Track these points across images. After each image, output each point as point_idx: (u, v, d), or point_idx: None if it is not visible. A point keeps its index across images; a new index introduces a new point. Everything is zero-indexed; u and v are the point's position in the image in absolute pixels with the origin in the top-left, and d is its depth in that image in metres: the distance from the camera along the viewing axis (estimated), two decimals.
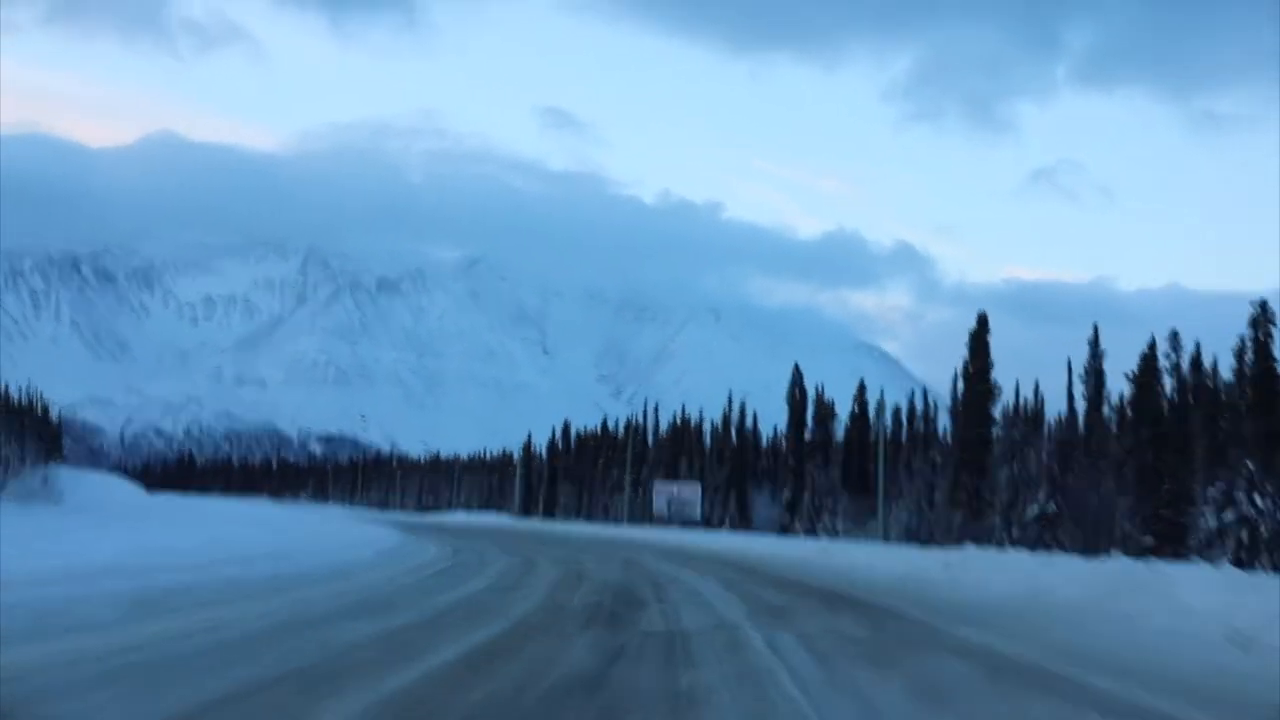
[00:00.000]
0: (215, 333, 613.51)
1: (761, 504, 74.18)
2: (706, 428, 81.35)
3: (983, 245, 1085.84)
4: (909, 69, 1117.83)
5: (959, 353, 50.92)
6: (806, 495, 65.21)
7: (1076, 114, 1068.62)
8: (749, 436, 76.78)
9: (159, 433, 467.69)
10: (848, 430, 70.05)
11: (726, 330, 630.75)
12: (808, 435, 69.12)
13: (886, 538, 53.25)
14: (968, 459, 51.82)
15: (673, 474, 78.53)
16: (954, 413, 54.79)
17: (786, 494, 67.94)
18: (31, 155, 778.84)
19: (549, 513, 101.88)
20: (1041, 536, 43.19)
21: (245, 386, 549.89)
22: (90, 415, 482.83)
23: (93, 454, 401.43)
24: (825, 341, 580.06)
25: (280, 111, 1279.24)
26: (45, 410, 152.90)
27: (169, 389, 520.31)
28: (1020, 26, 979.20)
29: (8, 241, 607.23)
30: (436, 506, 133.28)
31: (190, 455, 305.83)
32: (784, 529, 66.20)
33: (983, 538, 42.39)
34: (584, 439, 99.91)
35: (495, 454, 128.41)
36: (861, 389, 69.42)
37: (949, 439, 58.57)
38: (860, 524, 61.31)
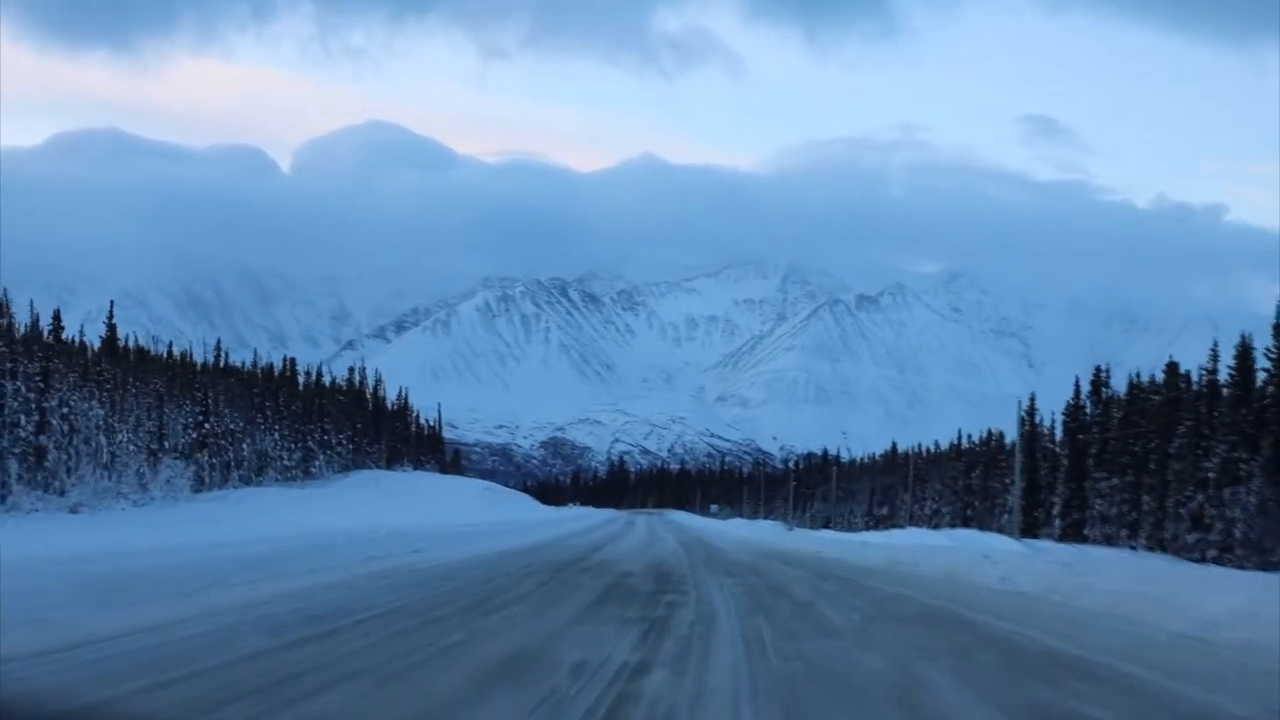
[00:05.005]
0: (697, 352, 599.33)
1: None
2: None
3: None
4: None
5: None
6: None
7: None
8: None
9: (644, 451, 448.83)
10: None
11: (1226, 340, 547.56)
12: None
13: None
14: None
15: None
16: None
17: None
18: (520, 182, 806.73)
19: (1071, 530, 53.72)
20: None
21: (727, 405, 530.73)
22: (579, 434, 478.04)
23: (580, 472, 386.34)
24: None
25: (757, 130, 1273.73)
26: (404, 413, 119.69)
27: (653, 408, 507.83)
28: None
29: (500, 268, 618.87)
30: (892, 519, 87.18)
31: (622, 468, 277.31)
32: None
33: None
34: (1137, 391, 50.89)
35: (976, 440, 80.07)
36: None
37: None
38: None
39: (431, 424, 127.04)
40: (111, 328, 70.64)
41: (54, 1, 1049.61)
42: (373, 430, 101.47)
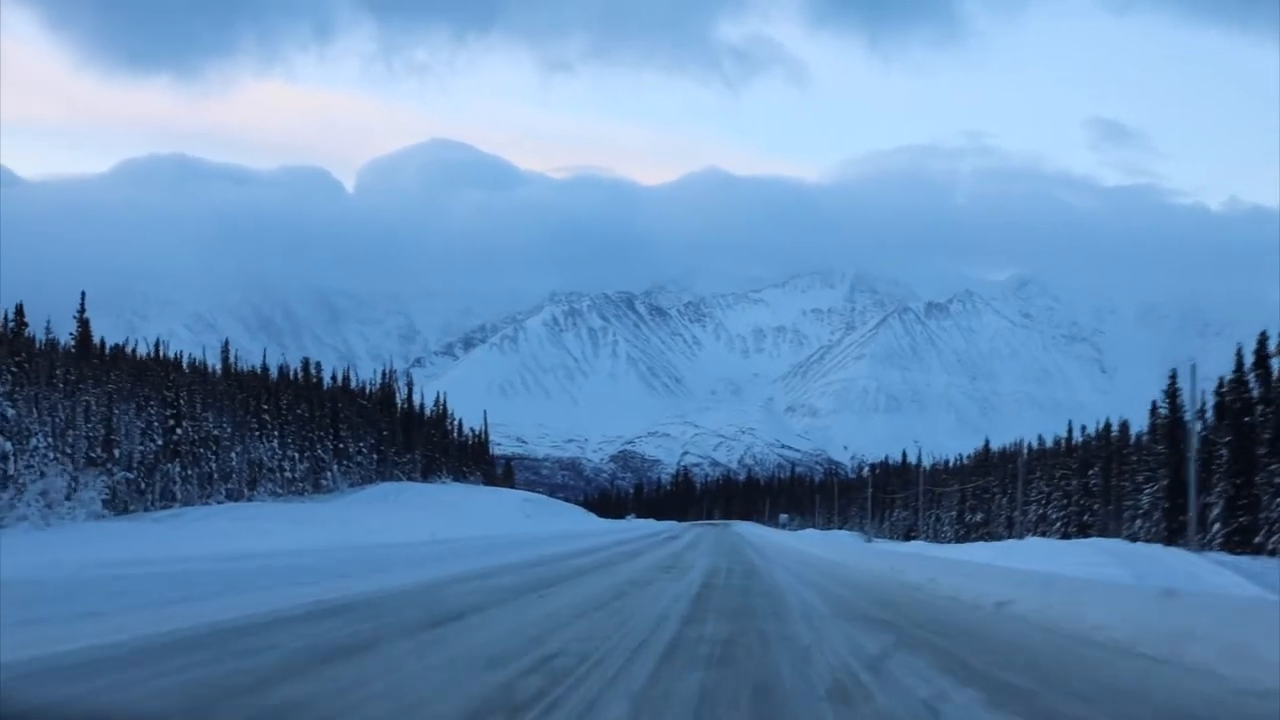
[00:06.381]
0: (766, 364, 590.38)
1: None
2: None
3: None
4: None
5: None
6: None
7: None
8: None
9: (714, 463, 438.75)
10: None
11: None
12: None
13: None
14: None
15: None
16: None
17: None
18: (586, 197, 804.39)
19: (1237, 538, 41.23)
20: None
21: (797, 415, 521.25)
22: (649, 448, 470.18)
23: (647, 483, 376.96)
24: None
25: (822, 139, 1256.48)
26: (443, 422, 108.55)
27: (722, 420, 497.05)
28: None
29: (566, 283, 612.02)
30: (987, 527, 74.59)
31: (687, 478, 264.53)
32: None
33: None
34: None
35: (1091, 430, 67.03)
36: None
37: None
38: None
39: (478, 434, 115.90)
40: (84, 323, 60.03)
41: (117, 29, 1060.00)
42: (403, 439, 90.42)
